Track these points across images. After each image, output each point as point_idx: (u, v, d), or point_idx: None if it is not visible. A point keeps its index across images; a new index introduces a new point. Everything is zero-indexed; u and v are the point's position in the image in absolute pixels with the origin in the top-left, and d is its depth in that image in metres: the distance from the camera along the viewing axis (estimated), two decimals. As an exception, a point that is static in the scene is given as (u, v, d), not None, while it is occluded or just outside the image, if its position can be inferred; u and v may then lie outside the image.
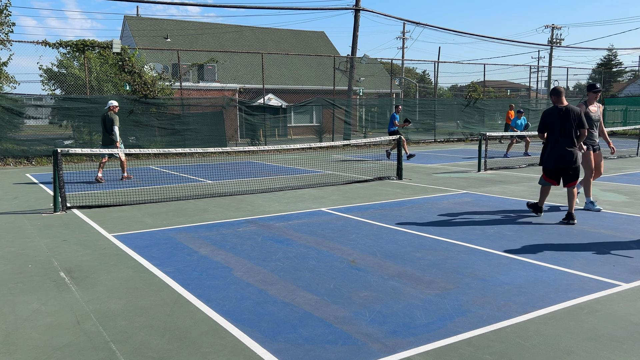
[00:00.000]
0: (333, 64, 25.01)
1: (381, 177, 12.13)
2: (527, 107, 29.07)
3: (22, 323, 4.06)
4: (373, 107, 29.81)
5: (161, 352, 3.55)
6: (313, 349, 3.55)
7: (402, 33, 49.31)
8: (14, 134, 16.64)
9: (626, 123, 29.09)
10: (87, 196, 9.83)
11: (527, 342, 3.64)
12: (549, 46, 40.57)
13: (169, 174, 13.55)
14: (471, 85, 27.19)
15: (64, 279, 5.13)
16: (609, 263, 5.43)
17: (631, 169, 13.60)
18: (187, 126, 18.82)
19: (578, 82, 53.62)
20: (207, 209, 8.67)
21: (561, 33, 70.68)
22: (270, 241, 6.47)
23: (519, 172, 13.15)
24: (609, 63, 48.89)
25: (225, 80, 28.43)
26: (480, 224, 7.33)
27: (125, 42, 27.87)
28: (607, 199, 9.26)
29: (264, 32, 38.00)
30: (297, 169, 14.44)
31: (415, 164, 15.43)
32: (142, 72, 18.30)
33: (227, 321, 4.03)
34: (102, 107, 17.37)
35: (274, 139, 22.64)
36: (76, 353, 3.55)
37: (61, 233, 7.07)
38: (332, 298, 4.50)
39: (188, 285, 4.86)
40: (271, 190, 10.47)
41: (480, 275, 5.07)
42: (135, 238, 6.73)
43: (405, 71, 52.36)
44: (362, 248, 6.11)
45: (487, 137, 13.66)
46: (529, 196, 9.50)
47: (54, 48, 17.01)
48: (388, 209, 8.51)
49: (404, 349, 3.54)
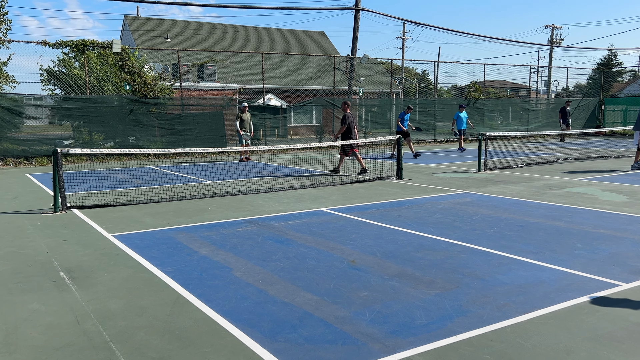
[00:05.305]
0: (333, 64, 25.01)
1: (381, 177, 12.13)
2: (527, 107, 29.08)
3: (22, 323, 4.06)
4: (373, 107, 29.81)
5: (161, 352, 3.55)
6: (313, 349, 3.55)
7: (402, 33, 49.29)
8: (14, 133, 16.64)
9: (626, 123, 29.08)
10: (87, 196, 9.83)
11: (527, 342, 3.64)
12: (549, 46, 40.57)
13: (169, 174, 13.55)
14: (471, 85, 27.18)
15: (63, 279, 5.13)
16: (609, 263, 5.43)
17: (630, 168, 13.59)
18: (187, 126, 18.82)
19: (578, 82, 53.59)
20: (207, 209, 8.67)
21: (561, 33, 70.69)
22: (270, 241, 6.47)
23: (519, 172, 13.15)
24: (609, 63, 48.86)
25: (225, 80, 28.43)
26: (480, 223, 7.33)
27: (125, 42, 27.85)
28: (607, 199, 9.26)
29: (264, 32, 38.01)
30: (297, 169, 14.43)
31: (415, 164, 15.43)
32: (142, 72, 18.30)
33: (227, 321, 4.03)
34: (102, 107, 17.41)
35: (274, 139, 22.62)
36: (76, 353, 3.55)
37: (61, 233, 7.07)
38: (332, 298, 4.50)
39: (188, 285, 4.86)
40: (271, 190, 10.47)
41: (480, 275, 5.07)
42: (135, 238, 6.73)
43: (405, 71, 52.34)
44: (362, 248, 6.11)
45: (487, 137, 13.66)
46: (529, 196, 9.50)
47: (54, 48, 17.00)
48: (388, 209, 8.51)
49: (404, 349, 3.54)
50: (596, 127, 29.06)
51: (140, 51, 21.82)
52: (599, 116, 30.73)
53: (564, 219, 7.57)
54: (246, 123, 16.60)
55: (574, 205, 8.61)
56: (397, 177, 12.01)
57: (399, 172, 12.05)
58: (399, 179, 11.91)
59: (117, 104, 17.73)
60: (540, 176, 12.27)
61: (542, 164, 14.82)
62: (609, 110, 30.46)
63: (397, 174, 12.04)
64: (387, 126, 25.33)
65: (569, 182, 11.24)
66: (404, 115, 17.59)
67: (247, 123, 16.62)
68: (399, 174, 12.02)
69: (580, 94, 38.23)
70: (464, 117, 19.82)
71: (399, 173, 12.04)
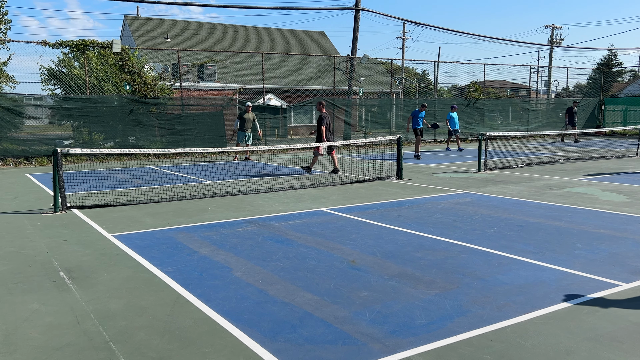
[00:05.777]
0: (333, 64, 25.00)
1: (381, 177, 12.13)
2: (527, 107, 29.08)
3: (22, 323, 4.06)
4: (373, 107, 29.80)
5: (161, 352, 3.55)
6: (313, 349, 3.55)
7: (402, 33, 49.29)
8: (14, 134, 16.64)
9: (626, 123, 29.08)
10: (87, 196, 9.83)
11: (527, 342, 3.64)
12: (549, 46, 40.56)
13: (169, 174, 13.55)
14: (471, 85, 27.18)
15: (64, 279, 5.13)
16: (609, 263, 5.43)
17: (631, 169, 13.60)
18: (187, 126, 18.82)
19: (578, 82, 53.58)
20: (207, 209, 8.67)
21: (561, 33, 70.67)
22: (270, 241, 6.47)
23: (519, 172, 13.15)
24: (609, 63, 48.84)
25: (225, 80, 28.43)
26: (480, 223, 7.33)
27: (125, 42, 27.85)
28: (607, 199, 9.26)
29: (264, 32, 37.99)
30: (297, 169, 14.43)
31: (415, 164, 15.43)
32: (142, 72, 18.30)
33: (227, 321, 4.03)
34: (102, 107, 17.41)
35: (274, 139, 22.62)
36: (76, 353, 3.55)
37: (61, 233, 7.07)
38: (332, 298, 4.50)
39: (188, 285, 4.86)
40: (271, 190, 10.47)
41: (480, 275, 5.07)
42: (135, 238, 6.73)
43: (405, 71, 52.34)
44: (362, 248, 6.11)
45: (487, 137, 13.65)
46: (529, 196, 9.50)
47: (54, 48, 16.99)
48: (388, 209, 8.51)
49: (404, 349, 3.54)
50: (596, 127, 29.06)
51: (140, 51, 21.82)
52: (599, 116, 30.73)
53: (564, 219, 7.57)
54: (248, 122, 16.60)
55: (574, 205, 8.61)
56: (397, 177, 12.01)
57: (399, 172, 12.05)
58: (399, 179, 11.91)
59: (117, 104, 17.73)
60: (541, 176, 12.27)
61: (542, 164, 14.82)
62: (609, 110, 30.46)
63: (397, 174, 12.04)
64: (387, 126, 25.31)
65: (569, 182, 11.24)
66: (418, 113, 17.35)
67: (249, 123, 16.62)
68: (399, 174, 12.02)
69: (580, 94, 38.21)
70: (456, 118, 20.03)
71: (399, 173, 12.04)
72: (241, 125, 16.56)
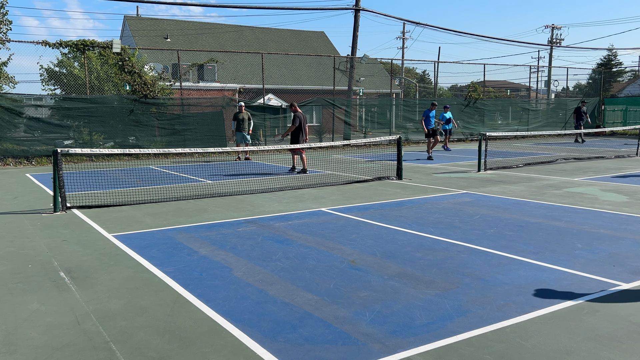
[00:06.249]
0: (333, 64, 25.00)
1: (381, 177, 12.13)
2: (527, 107, 29.08)
3: (22, 323, 4.06)
4: (373, 107, 29.81)
5: (161, 352, 3.55)
6: (313, 349, 3.55)
7: (402, 33, 49.28)
8: (14, 133, 16.64)
9: (626, 123, 29.09)
10: (87, 196, 9.83)
11: (527, 342, 3.64)
12: (549, 46, 40.56)
13: (169, 174, 13.55)
14: (471, 85, 27.18)
15: (64, 279, 5.13)
16: (609, 263, 5.43)
17: (631, 169, 13.60)
18: (187, 126, 18.82)
19: (578, 82, 53.55)
20: (207, 209, 8.67)
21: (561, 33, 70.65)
22: (270, 241, 6.47)
23: (519, 172, 13.15)
24: (609, 63, 48.83)
25: (225, 80, 28.44)
26: (480, 223, 7.33)
27: (125, 42, 27.84)
28: (607, 199, 9.26)
29: (264, 32, 38.00)
30: (296, 168, 14.41)
31: (415, 164, 15.43)
32: (142, 72, 18.30)
33: (227, 321, 4.03)
34: (102, 107, 17.41)
35: (273, 139, 22.60)
36: (76, 353, 3.55)
37: (61, 233, 7.08)
38: (332, 298, 4.50)
39: (188, 285, 4.86)
40: (271, 190, 10.47)
41: (480, 275, 5.07)
42: (135, 238, 6.73)
43: (405, 71, 52.34)
44: (362, 248, 6.11)
45: (487, 137, 13.65)
46: (529, 196, 9.50)
47: (54, 48, 17.00)
48: (388, 209, 8.51)
49: (404, 349, 3.54)
50: (596, 127, 29.06)
51: (140, 51, 21.81)
52: (599, 116, 30.73)
53: (564, 219, 7.57)
54: (244, 122, 16.61)
55: (574, 205, 8.61)
56: (397, 177, 12.01)
57: (399, 172, 12.05)
58: (399, 179, 11.91)
59: (117, 104, 17.73)
60: (540, 176, 12.27)
61: (542, 164, 14.82)
62: (609, 110, 30.47)
63: (397, 174, 12.04)
64: (387, 126, 25.31)
65: (569, 182, 11.24)
66: (429, 113, 16.97)
67: (244, 122, 16.63)
68: (399, 174, 12.02)
69: (580, 94, 38.22)
70: (449, 117, 20.16)
71: (399, 173, 12.04)
72: (237, 126, 16.57)
